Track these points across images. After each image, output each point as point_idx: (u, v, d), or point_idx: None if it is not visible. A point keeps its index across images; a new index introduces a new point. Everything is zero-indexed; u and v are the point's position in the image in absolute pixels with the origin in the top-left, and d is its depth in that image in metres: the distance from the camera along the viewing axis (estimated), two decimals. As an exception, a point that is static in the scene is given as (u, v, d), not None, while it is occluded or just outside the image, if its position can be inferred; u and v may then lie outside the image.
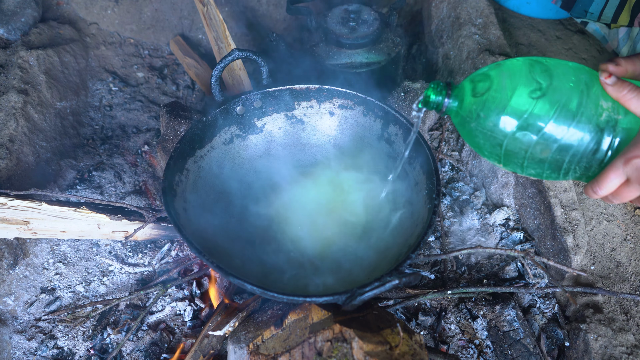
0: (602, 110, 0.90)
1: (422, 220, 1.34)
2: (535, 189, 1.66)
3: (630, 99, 0.87)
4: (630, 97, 0.86)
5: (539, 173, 0.98)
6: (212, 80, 1.47)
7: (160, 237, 1.65)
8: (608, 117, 0.89)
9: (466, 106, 1.01)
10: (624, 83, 0.87)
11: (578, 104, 0.90)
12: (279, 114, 1.64)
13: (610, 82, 0.88)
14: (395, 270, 1.12)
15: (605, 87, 0.89)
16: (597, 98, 0.90)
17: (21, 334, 1.53)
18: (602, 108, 0.90)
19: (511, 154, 0.97)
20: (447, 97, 1.05)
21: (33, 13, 2.13)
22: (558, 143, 0.91)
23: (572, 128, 0.90)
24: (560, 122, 0.90)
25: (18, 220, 1.45)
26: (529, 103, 0.92)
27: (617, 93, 0.88)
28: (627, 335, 1.46)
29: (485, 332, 1.53)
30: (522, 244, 1.71)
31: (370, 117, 1.58)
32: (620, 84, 0.87)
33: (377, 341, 1.06)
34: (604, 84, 0.89)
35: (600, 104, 0.90)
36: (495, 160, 1.01)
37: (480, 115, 0.97)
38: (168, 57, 2.43)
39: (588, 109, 0.90)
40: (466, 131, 1.02)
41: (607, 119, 0.89)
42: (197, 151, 1.49)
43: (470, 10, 2.10)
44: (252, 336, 1.24)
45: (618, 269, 1.60)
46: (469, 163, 1.93)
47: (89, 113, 2.15)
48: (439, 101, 1.06)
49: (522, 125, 0.92)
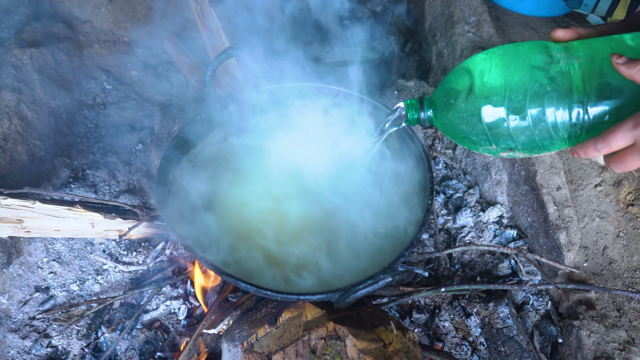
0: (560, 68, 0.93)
1: (416, 217, 1.34)
2: (529, 186, 1.67)
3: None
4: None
5: (533, 145, 0.99)
6: (206, 79, 1.47)
7: (154, 236, 1.64)
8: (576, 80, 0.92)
9: (441, 111, 1.06)
10: (636, 61, 0.86)
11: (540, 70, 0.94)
12: (272, 112, 1.64)
13: (622, 62, 0.87)
14: (388, 267, 1.13)
15: (618, 67, 0.88)
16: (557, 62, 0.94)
17: (15, 333, 1.53)
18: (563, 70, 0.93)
19: (499, 136, 0.98)
20: (422, 110, 1.12)
21: (26, 11, 2.13)
22: (530, 111, 0.94)
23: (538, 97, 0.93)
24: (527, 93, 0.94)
25: (12, 219, 1.45)
26: (494, 81, 0.96)
27: (629, 71, 0.86)
28: (620, 331, 1.47)
29: (479, 329, 1.54)
30: (515, 241, 1.72)
31: (364, 114, 1.58)
32: (632, 63, 0.86)
33: (371, 339, 1.06)
34: (616, 65, 0.88)
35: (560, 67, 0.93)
36: (489, 151, 1.03)
37: (457, 112, 1.02)
38: (162, 56, 2.43)
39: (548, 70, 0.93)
40: (452, 133, 1.05)
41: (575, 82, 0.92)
42: (191, 149, 1.49)
43: (463, 8, 2.11)
44: (246, 334, 1.24)
45: (611, 266, 1.61)
46: (462, 161, 1.93)
47: (82, 111, 2.14)
48: (416, 117, 1.13)
49: (495, 104, 0.96)
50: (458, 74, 1.03)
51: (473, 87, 0.99)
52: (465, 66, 1.03)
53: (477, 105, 0.98)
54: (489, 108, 0.97)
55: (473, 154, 1.88)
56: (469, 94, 0.99)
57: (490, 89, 0.96)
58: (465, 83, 1.01)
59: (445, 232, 1.77)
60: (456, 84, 1.02)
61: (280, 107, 1.63)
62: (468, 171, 1.91)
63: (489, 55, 1.00)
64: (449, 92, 1.04)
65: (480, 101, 0.97)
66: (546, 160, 1.67)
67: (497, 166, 1.80)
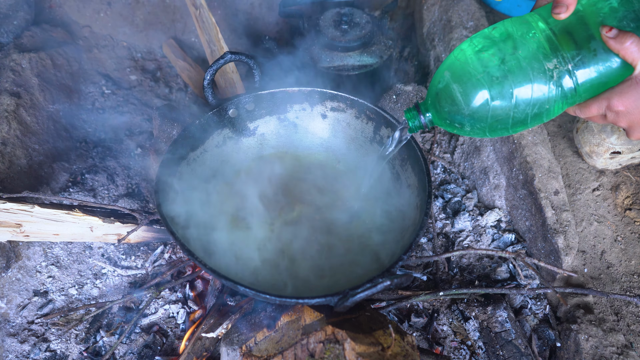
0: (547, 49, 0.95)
1: (414, 222, 1.34)
2: (527, 190, 1.67)
3: (633, 51, 0.87)
4: (633, 49, 0.87)
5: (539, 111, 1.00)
6: (205, 83, 1.48)
7: (153, 240, 1.65)
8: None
9: (439, 109, 1.07)
10: (626, 34, 0.88)
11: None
12: (271, 116, 1.64)
13: (612, 35, 0.89)
14: (387, 271, 1.13)
15: (607, 40, 0.90)
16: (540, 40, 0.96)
17: (14, 337, 1.53)
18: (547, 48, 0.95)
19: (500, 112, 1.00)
20: (420, 114, 1.12)
21: (26, 16, 2.13)
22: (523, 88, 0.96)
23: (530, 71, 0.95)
24: (521, 72, 0.95)
25: (10, 223, 1.45)
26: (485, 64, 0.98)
27: (618, 45, 0.88)
28: (618, 335, 1.48)
29: (477, 333, 1.54)
30: (513, 245, 1.72)
31: (363, 119, 1.58)
32: (622, 36, 0.88)
33: (370, 342, 1.07)
34: (605, 38, 0.90)
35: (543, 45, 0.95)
36: (504, 131, 1.04)
37: (454, 104, 1.03)
38: (161, 60, 2.43)
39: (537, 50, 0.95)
40: (459, 127, 1.06)
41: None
42: (190, 154, 1.49)
43: (461, 14, 2.12)
44: (244, 338, 1.24)
45: (609, 270, 1.61)
46: (460, 165, 1.94)
47: (81, 116, 2.15)
48: (417, 124, 1.14)
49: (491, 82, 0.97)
50: (443, 68, 1.05)
51: (463, 74, 1.00)
52: (448, 58, 1.05)
53: (472, 89, 0.99)
54: (484, 91, 0.98)
55: (471, 158, 1.89)
56: (464, 82, 1.00)
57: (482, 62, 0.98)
58: (450, 73, 1.02)
59: (443, 236, 1.77)
60: (443, 77, 1.04)
61: (278, 111, 1.64)
62: (466, 175, 1.92)
63: (470, 39, 1.03)
64: (441, 90, 1.05)
65: (474, 83, 0.98)
66: (544, 164, 1.67)
67: (495, 170, 1.80)
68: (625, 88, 0.92)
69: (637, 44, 0.87)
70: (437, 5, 2.22)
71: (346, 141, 1.64)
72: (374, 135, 1.57)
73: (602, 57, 0.93)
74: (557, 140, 1.86)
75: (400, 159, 1.50)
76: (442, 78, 1.04)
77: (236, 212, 1.50)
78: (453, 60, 1.02)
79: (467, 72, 0.99)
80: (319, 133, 1.66)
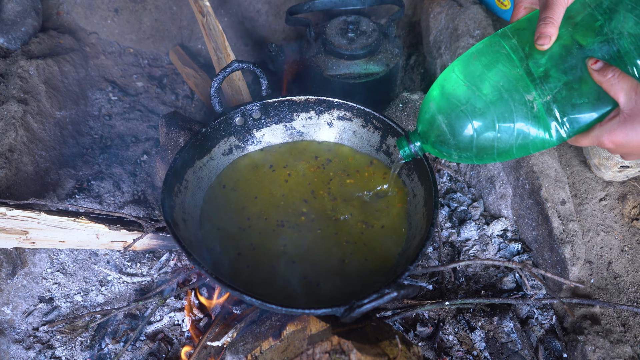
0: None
1: (420, 231, 1.34)
2: (533, 200, 1.67)
3: (613, 84, 0.89)
4: (613, 82, 0.89)
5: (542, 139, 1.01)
6: (212, 92, 1.48)
7: (158, 247, 1.65)
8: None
9: (427, 139, 1.10)
10: (609, 67, 0.90)
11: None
12: (277, 125, 1.64)
13: (597, 68, 0.91)
14: (393, 282, 1.13)
15: (592, 72, 0.92)
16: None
17: (19, 344, 1.53)
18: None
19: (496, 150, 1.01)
20: (410, 143, 1.16)
21: (33, 23, 2.14)
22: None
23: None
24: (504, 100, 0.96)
25: (17, 230, 1.45)
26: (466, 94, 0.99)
27: (600, 77, 0.91)
28: (625, 346, 1.47)
29: (483, 343, 1.53)
30: (519, 255, 1.72)
31: (369, 128, 1.58)
32: (605, 69, 0.90)
33: (376, 353, 1.06)
34: (590, 70, 0.92)
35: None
36: (490, 159, 1.05)
37: (441, 135, 1.05)
38: (167, 67, 2.44)
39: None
40: (445, 156, 1.09)
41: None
42: (197, 162, 1.50)
43: (468, 22, 2.12)
44: (250, 347, 1.24)
45: (615, 281, 1.60)
46: (467, 174, 1.93)
47: (88, 122, 2.15)
48: (408, 152, 1.18)
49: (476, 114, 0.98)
50: (429, 99, 1.06)
51: (447, 103, 1.02)
52: (433, 88, 1.06)
53: (456, 120, 1.01)
54: (467, 123, 0.99)
55: (477, 167, 1.88)
56: (448, 114, 1.02)
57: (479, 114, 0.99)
58: (435, 104, 1.04)
59: (449, 245, 1.77)
60: (429, 108, 1.06)
61: (285, 119, 1.64)
62: (472, 184, 1.92)
63: (450, 68, 1.04)
64: (427, 120, 1.07)
65: (458, 114, 1.00)
66: (551, 174, 1.67)
67: (501, 179, 1.80)
68: (614, 125, 0.92)
69: (620, 77, 0.89)
70: (444, 14, 2.22)
71: (352, 150, 1.64)
72: (380, 144, 1.57)
73: (582, 89, 0.94)
74: (563, 150, 1.86)
75: (407, 168, 1.50)
76: (428, 109, 1.06)
77: (243, 220, 1.50)
78: (438, 92, 1.04)
79: (451, 104, 1.00)
80: (326, 142, 1.66)
